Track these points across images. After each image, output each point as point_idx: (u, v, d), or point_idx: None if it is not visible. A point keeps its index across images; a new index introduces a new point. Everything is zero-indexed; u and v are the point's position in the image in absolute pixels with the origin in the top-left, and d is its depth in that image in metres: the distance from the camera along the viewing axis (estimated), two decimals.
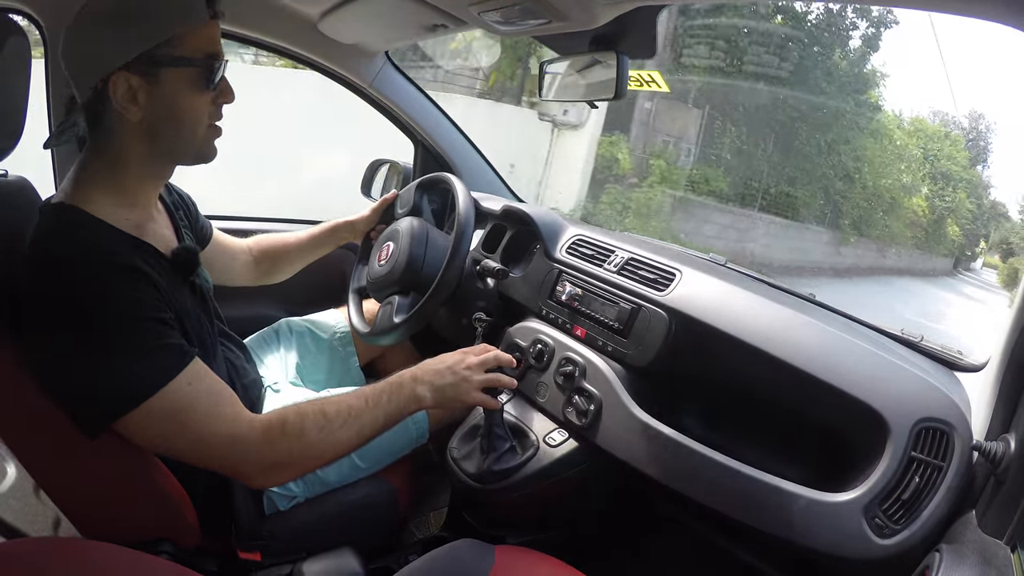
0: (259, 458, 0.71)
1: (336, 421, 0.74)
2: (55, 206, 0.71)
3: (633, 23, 0.92)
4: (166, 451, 0.71)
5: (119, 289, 0.66)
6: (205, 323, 0.83)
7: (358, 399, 0.77)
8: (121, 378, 0.65)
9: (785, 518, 0.73)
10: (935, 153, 13.32)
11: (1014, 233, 15.90)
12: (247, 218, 1.52)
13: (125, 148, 0.73)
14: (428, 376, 0.82)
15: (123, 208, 0.74)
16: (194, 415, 0.68)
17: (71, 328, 0.64)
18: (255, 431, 0.71)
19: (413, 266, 1.08)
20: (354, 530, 0.96)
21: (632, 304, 0.98)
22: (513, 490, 0.94)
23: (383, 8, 1.11)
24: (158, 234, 0.79)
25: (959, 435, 0.69)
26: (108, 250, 0.68)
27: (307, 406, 0.75)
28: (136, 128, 0.72)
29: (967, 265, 17.22)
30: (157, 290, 0.70)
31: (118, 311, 0.65)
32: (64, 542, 0.58)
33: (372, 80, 1.41)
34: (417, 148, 1.55)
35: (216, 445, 0.69)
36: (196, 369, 0.70)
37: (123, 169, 0.74)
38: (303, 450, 0.72)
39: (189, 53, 0.72)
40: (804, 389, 0.80)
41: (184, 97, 0.73)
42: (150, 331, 0.67)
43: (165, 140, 0.75)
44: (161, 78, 0.71)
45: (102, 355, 0.64)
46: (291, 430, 0.72)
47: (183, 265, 0.79)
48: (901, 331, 0.96)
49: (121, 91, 0.69)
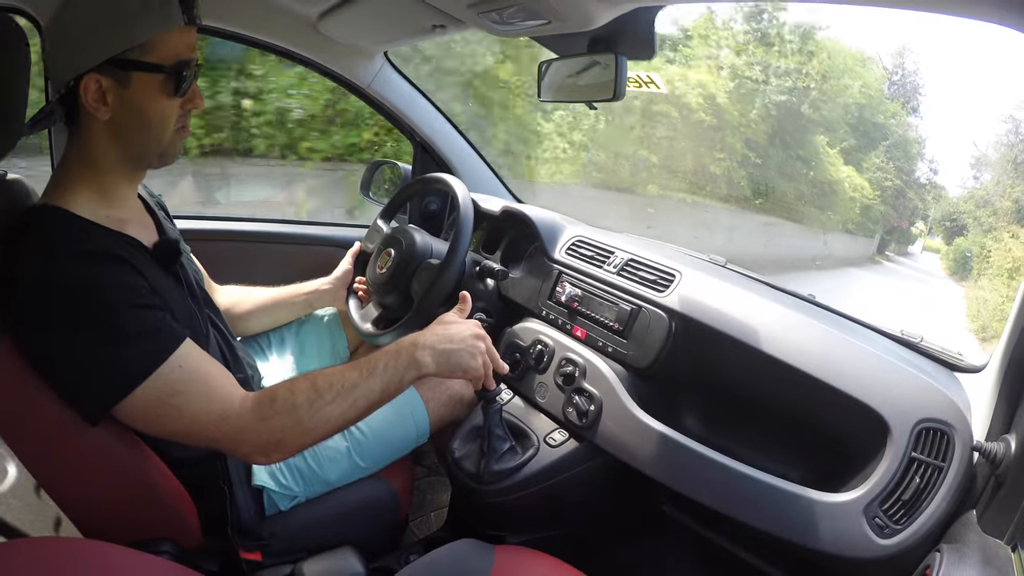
0: (254, 436, 0.71)
1: (328, 394, 0.73)
2: (40, 208, 0.73)
3: (631, 24, 0.92)
4: (165, 434, 0.72)
5: (106, 278, 0.67)
6: (195, 312, 0.84)
7: (352, 370, 0.75)
8: (114, 364, 0.66)
9: (786, 518, 0.73)
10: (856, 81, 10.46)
11: (961, 207, 12.56)
12: (246, 219, 1.52)
13: (96, 147, 0.75)
14: (431, 340, 0.79)
15: (102, 206, 0.75)
16: (187, 396, 0.69)
17: (64, 320, 0.66)
18: (247, 409, 0.71)
19: (412, 270, 1.09)
20: (355, 530, 0.96)
21: (632, 305, 0.98)
22: (513, 490, 0.94)
23: (382, 8, 1.11)
24: (139, 228, 0.80)
25: (959, 435, 0.69)
26: (93, 243, 0.69)
27: (299, 381, 0.74)
28: (105, 128, 0.74)
29: (902, 248, 14.41)
30: (143, 277, 0.71)
31: (107, 300, 0.67)
32: (64, 542, 0.57)
33: (371, 81, 1.41)
34: (416, 149, 1.55)
35: (211, 425, 0.70)
36: (187, 351, 0.71)
37: (97, 168, 0.75)
38: (295, 425, 0.72)
39: (160, 59, 0.72)
40: (804, 390, 0.80)
41: (152, 101, 0.74)
42: (139, 317, 0.68)
43: (132, 141, 0.76)
44: (131, 81, 0.72)
45: (94, 344, 0.66)
46: (282, 406, 0.71)
47: (165, 256, 0.80)
48: (901, 332, 0.96)
49: (92, 91, 0.71)
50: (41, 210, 0.73)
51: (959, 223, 12.37)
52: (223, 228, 1.47)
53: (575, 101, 1.09)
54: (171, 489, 0.77)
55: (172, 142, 0.79)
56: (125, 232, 0.75)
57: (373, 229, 1.25)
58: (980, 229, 10.97)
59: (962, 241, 11.85)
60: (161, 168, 0.81)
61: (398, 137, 3.08)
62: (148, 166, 0.81)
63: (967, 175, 15.94)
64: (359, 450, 0.98)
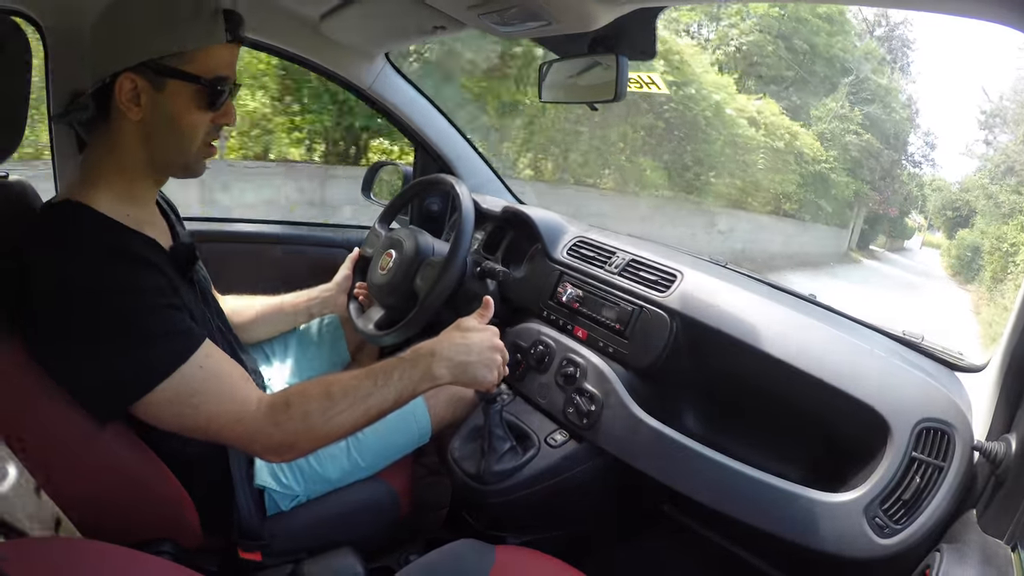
0: (267, 439, 0.72)
1: (342, 403, 0.74)
2: (61, 203, 0.73)
3: (632, 25, 0.93)
4: (180, 430, 0.72)
5: (130, 278, 0.68)
6: (208, 316, 0.84)
7: (366, 378, 0.76)
8: (136, 363, 0.67)
9: (786, 518, 0.73)
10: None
11: (965, 195, 9.13)
12: (246, 220, 1.52)
13: (123, 146, 0.75)
14: (449, 351, 0.78)
15: (125, 204, 0.75)
16: (205, 396, 0.70)
17: (87, 318, 0.66)
18: (262, 412, 0.72)
19: (414, 271, 1.09)
20: (355, 530, 0.96)
21: (633, 305, 0.98)
22: (514, 490, 0.94)
23: (383, 10, 1.11)
24: (157, 230, 0.81)
25: (960, 435, 0.69)
26: (117, 242, 0.70)
27: (312, 387, 0.75)
28: (135, 129, 0.74)
29: (896, 244, 11.31)
30: (166, 277, 0.72)
31: (131, 299, 0.67)
32: (64, 542, 0.57)
33: (372, 82, 1.41)
34: (417, 150, 1.56)
35: (227, 426, 0.71)
36: (206, 351, 0.72)
37: (123, 167, 0.76)
38: (307, 431, 0.73)
39: (198, 71, 0.73)
40: (805, 390, 0.80)
41: (184, 111, 0.74)
42: (162, 316, 0.69)
43: (159, 147, 0.76)
44: (166, 87, 0.72)
45: (118, 342, 0.66)
46: (296, 412, 0.72)
47: (182, 259, 0.80)
48: (902, 332, 0.96)
49: (126, 90, 0.71)
50: (64, 205, 0.72)
51: (962, 214, 9.31)
52: (224, 229, 1.47)
53: (576, 102, 1.09)
54: (171, 489, 0.78)
55: (198, 156, 0.79)
56: (145, 233, 0.76)
57: (372, 234, 1.25)
58: (999, 213, 7.98)
59: (967, 233, 9.01)
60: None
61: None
62: (172, 175, 0.81)
63: (975, 137, 11.86)
64: (360, 449, 0.99)
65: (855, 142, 8.98)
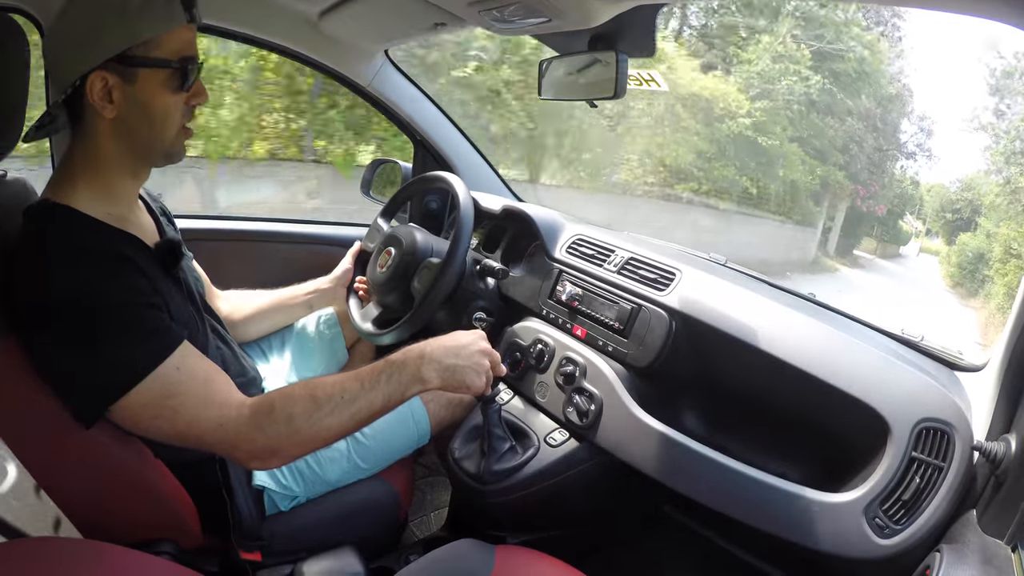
0: (250, 444, 0.71)
1: (327, 406, 0.72)
2: (41, 204, 0.73)
3: (632, 22, 0.92)
4: (160, 436, 0.71)
5: (108, 277, 0.68)
6: (194, 317, 0.83)
7: (354, 381, 0.74)
8: (112, 364, 0.66)
9: (786, 518, 0.73)
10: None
11: (965, 196, 7.65)
12: (246, 218, 1.52)
13: (102, 145, 0.75)
14: (438, 354, 0.77)
15: (105, 203, 0.75)
16: (184, 399, 0.69)
17: (64, 318, 0.66)
18: (244, 416, 0.71)
19: (413, 269, 1.09)
20: (355, 530, 0.96)
21: (632, 304, 0.98)
22: (514, 490, 0.94)
23: (383, 6, 1.11)
24: (141, 228, 0.80)
25: (960, 435, 0.69)
26: (95, 241, 0.70)
27: (298, 390, 0.74)
28: (111, 126, 0.74)
29: (890, 250, 9.90)
30: (145, 276, 0.71)
31: (108, 299, 0.67)
32: (64, 542, 0.58)
33: (371, 79, 1.41)
34: (417, 147, 1.55)
35: (207, 431, 0.70)
36: (185, 352, 0.71)
37: (101, 166, 0.76)
38: (292, 435, 0.71)
39: (166, 54, 0.73)
40: (804, 389, 0.80)
41: (158, 97, 0.74)
42: (140, 316, 0.68)
43: (138, 139, 0.76)
44: (137, 78, 0.72)
45: (94, 342, 0.66)
46: (279, 416, 0.71)
47: (166, 256, 0.80)
48: (902, 331, 0.96)
49: (98, 89, 0.71)
50: (43, 206, 0.73)
51: (963, 216, 7.65)
52: (223, 227, 1.47)
53: (576, 99, 1.09)
54: (171, 489, 0.78)
55: (177, 140, 0.79)
56: (126, 230, 0.75)
57: (373, 228, 1.25)
58: (1018, 205, 6.04)
59: (969, 238, 7.42)
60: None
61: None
62: (154, 164, 0.81)
63: (983, 105, 9.34)
64: (360, 451, 0.99)
65: (802, 92, 6.14)
